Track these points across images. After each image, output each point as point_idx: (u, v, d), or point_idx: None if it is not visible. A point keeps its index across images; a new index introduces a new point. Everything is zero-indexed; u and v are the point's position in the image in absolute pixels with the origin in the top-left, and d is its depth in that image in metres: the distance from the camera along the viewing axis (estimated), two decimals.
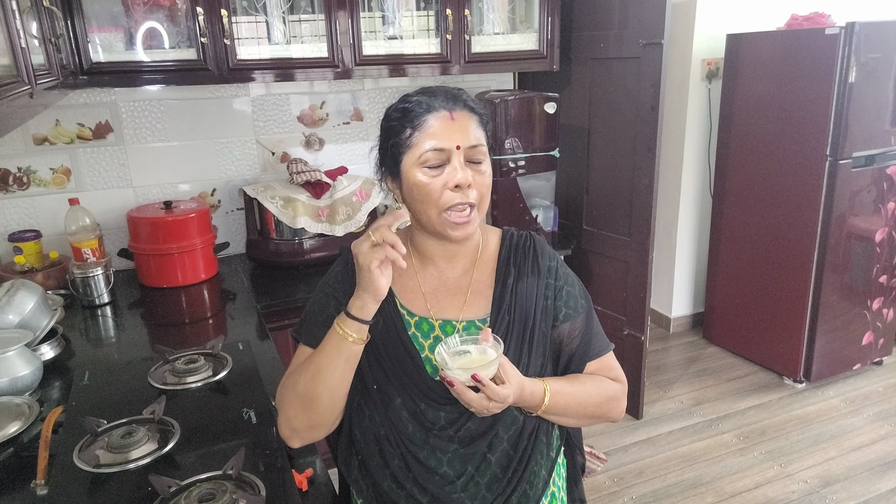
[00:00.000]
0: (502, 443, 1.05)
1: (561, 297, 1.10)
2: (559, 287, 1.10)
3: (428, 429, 1.04)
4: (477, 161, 1.00)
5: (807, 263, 3.06)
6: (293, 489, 1.11)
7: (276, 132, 2.66)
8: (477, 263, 1.10)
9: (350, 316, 0.97)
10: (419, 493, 1.05)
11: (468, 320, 1.07)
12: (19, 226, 2.34)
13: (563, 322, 1.10)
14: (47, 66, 1.50)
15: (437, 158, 0.98)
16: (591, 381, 1.11)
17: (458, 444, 1.04)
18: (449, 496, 1.04)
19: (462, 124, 0.99)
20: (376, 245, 0.93)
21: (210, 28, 2.11)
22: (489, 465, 1.05)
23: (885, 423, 2.91)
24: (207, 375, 1.50)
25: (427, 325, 1.07)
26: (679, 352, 3.64)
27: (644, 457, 2.71)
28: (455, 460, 1.04)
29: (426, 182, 0.98)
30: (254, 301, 2.15)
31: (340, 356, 0.99)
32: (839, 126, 2.84)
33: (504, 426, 1.05)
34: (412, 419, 1.04)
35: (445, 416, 1.03)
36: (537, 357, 1.07)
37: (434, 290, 1.09)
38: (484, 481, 1.04)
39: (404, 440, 1.04)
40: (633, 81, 2.59)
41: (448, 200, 0.98)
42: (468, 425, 1.03)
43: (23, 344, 1.52)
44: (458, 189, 0.98)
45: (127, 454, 1.18)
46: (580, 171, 2.95)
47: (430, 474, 1.04)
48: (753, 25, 3.31)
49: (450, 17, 2.42)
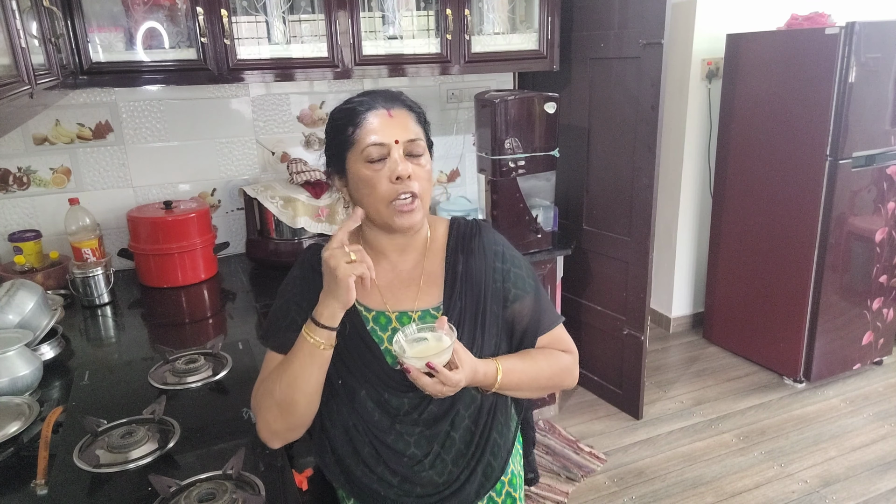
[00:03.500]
0: (464, 420, 1.13)
1: (509, 279, 1.16)
2: (506, 269, 1.16)
3: (393, 415, 1.10)
4: (416, 154, 1.06)
5: (807, 263, 3.06)
6: (293, 489, 1.11)
7: (276, 132, 2.66)
8: (427, 254, 1.16)
9: (319, 325, 1.01)
10: (390, 475, 1.11)
11: (423, 310, 1.12)
12: (19, 226, 2.34)
13: (513, 302, 1.16)
14: (47, 66, 1.50)
15: (377, 152, 1.04)
16: (542, 355, 1.17)
17: (422, 426, 1.11)
18: (418, 475, 1.11)
19: (400, 121, 1.06)
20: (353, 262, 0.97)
21: (210, 28, 2.11)
22: (453, 442, 1.12)
23: (885, 422, 2.91)
24: (207, 375, 1.50)
25: (384, 318, 1.12)
26: (679, 352, 3.64)
27: (644, 457, 2.71)
28: (421, 441, 1.11)
29: (370, 176, 1.04)
30: (254, 301, 2.15)
31: (314, 363, 1.03)
32: (839, 126, 2.84)
33: (464, 405, 1.12)
34: (377, 408, 1.10)
35: (408, 401, 1.10)
36: (490, 337, 1.13)
37: (388, 284, 1.14)
38: (450, 457, 1.12)
39: (372, 428, 1.11)
40: (633, 81, 2.59)
41: (392, 192, 1.04)
42: (430, 408, 1.10)
43: (23, 344, 1.51)
44: (399, 181, 1.03)
45: (127, 454, 1.18)
46: (580, 171, 2.95)
47: (398, 457, 1.11)
48: (753, 25, 3.31)
49: (450, 17, 2.42)
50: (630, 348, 2.84)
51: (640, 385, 2.90)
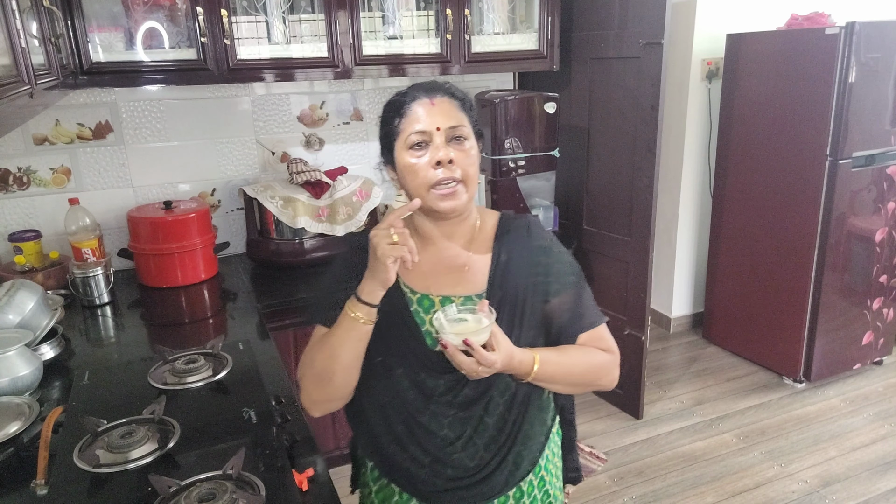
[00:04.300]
0: (498, 406, 1.14)
1: (552, 275, 1.17)
2: (550, 264, 1.17)
3: (428, 396, 1.13)
4: (459, 139, 1.09)
5: (807, 263, 3.06)
6: (293, 489, 1.11)
7: (276, 132, 2.66)
8: (473, 242, 1.18)
9: (360, 301, 1.05)
10: (422, 454, 1.14)
11: (465, 296, 1.14)
12: (19, 226, 2.34)
13: (554, 297, 1.17)
14: (47, 65, 1.50)
15: (420, 139, 1.07)
16: (581, 351, 1.18)
17: (456, 408, 1.13)
18: (449, 456, 1.14)
19: (442, 108, 1.09)
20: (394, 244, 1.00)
21: (210, 28, 2.11)
22: (486, 427, 1.14)
23: (885, 422, 2.91)
24: (207, 375, 1.50)
25: (428, 301, 1.15)
26: (679, 352, 3.64)
27: (644, 457, 2.71)
28: (454, 423, 1.13)
29: (413, 162, 1.08)
30: (254, 301, 2.15)
31: (352, 336, 1.06)
32: (839, 126, 2.84)
33: (499, 391, 1.14)
34: (413, 387, 1.13)
35: (444, 383, 1.12)
36: (529, 329, 1.15)
37: (434, 269, 1.16)
38: (482, 442, 1.14)
39: (407, 406, 1.14)
40: (633, 81, 2.59)
41: (433, 177, 1.07)
42: (465, 391, 1.12)
43: (23, 344, 1.52)
44: (439, 165, 1.06)
45: (127, 454, 1.18)
46: (580, 171, 2.95)
47: (431, 437, 1.14)
48: (753, 25, 3.31)
49: (450, 17, 2.42)
50: (630, 348, 2.84)
51: (641, 385, 2.90)
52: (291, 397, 1.48)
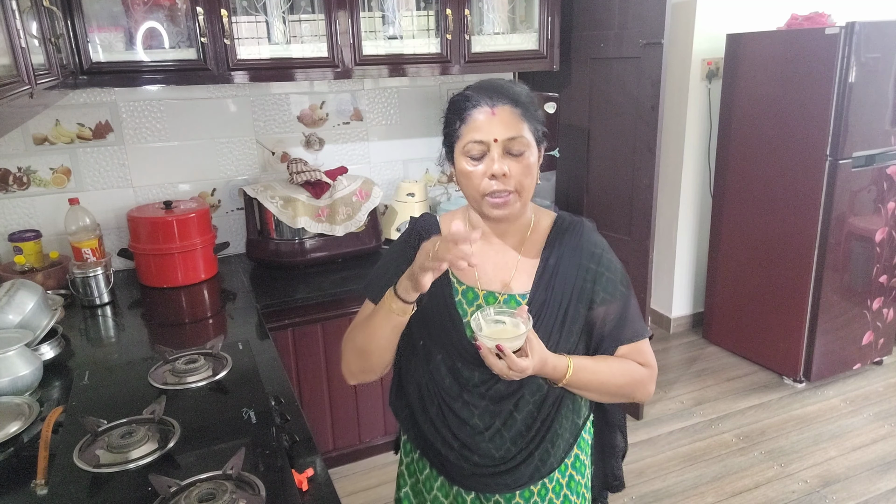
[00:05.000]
0: (528, 405, 1.17)
1: (600, 283, 1.19)
2: (599, 273, 1.19)
3: (462, 384, 1.17)
4: (517, 152, 1.09)
5: (807, 263, 3.06)
6: (293, 489, 1.11)
7: (276, 132, 2.66)
8: (525, 242, 1.21)
9: (396, 295, 1.07)
10: (451, 438, 1.19)
11: (510, 294, 1.16)
12: (19, 226, 2.34)
13: (600, 306, 1.18)
14: (47, 66, 1.50)
15: (477, 150, 1.08)
16: (618, 363, 1.19)
17: (488, 400, 1.16)
18: (478, 445, 1.17)
19: (502, 118, 1.08)
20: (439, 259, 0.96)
21: (210, 28, 2.11)
22: (515, 422, 1.17)
23: (885, 422, 2.91)
24: (207, 375, 1.50)
25: (472, 294, 1.18)
26: (679, 352, 3.64)
27: (644, 457, 2.71)
28: (485, 414, 1.17)
29: (469, 171, 1.10)
30: (254, 301, 2.15)
31: (388, 324, 1.09)
32: (839, 126, 2.84)
33: (530, 391, 1.16)
34: (450, 374, 1.17)
35: (479, 375, 1.15)
36: (570, 335, 1.16)
37: (483, 263, 1.19)
38: (510, 435, 1.17)
39: (442, 392, 1.18)
40: (633, 81, 2.59)
41: (486, 188, 1.09)
42: (497, 386, 1.15)
43: (23, 344, 1.52)
44: (494, 178, 1.08)
45: (127, 454, 1.18)
46: (580, 171, 2.95)
47: (461, 424, 1.18)
48: (753, 25, 3.31)
49: (450, 17, 2.42)
50: None
51: None
52: (291, 397, 1.48)
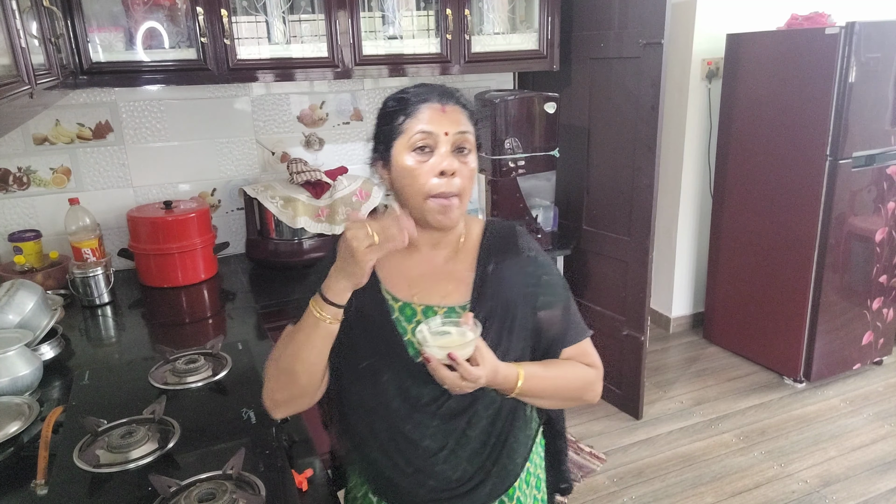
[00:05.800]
0: (481, 420, 1.11)
1: (540, 285, 1.14)
2: (538, 275, 1.14)
3: (412, 404, 1.09)
4: (464, 149, 1.05)
5: (807, 263, 3.06)
6: (293, 489, 1.11)
7: (276, 132, 2.66)
8: (459, 252, 1.15)
9: (326, 300, 1.00)
10: (404, 463, 1.11)
11: (449, 306, 1.10)
12: (19, 226, 2.34)
13: (543, 310, 1.14)
14: (47, 65, 1.50)
15: (425, 141, 1.03)
16: (567, 366, 1.16)
17: (439, 419, 1.10)
18: (432, 468, 1.11)
19: (452, 117, 1.05)
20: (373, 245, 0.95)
21: (210, 28, 2.11)
22: (468, 440, 1.11)
23: (885, 422, 2.91)
24: (207, 375, 1.50)
25: (410, 309, 1.11)
26: (679, 352, 3.64)
27: (644, 457, 2.71)
28: (437, 434, 1.10)
29: (413, 167, 1.03)
30: (253, 301, 2.15)
31: (318, 335, 1.03)
32: (839, 126, 2.84)
33: (483, 405, 1.11)
34: (398, 395, 1.09)
35: (428, 392, 1.08)
36: (518, 342, 1.12)
37: (418, 277, 1.13)
38: (465, 454, 1.11)
39: (391, 414, 1.10)
40: (633, 81, 2.59)
41: (433, 187, 1.03)
42: (449, 402, 1.09)
43: (23, 344, 1.52)
44: (442, 176, 1.03)
45: (127, 454, 1.18)
46: (580, 171, 2.95)
47: (413, 447, 1.10)
48: (753, 25, 3.31)
49: (450, 17, 2.42)
50: (630, 348, 2.84)
51: (640, 385, 2.90)
52: None
